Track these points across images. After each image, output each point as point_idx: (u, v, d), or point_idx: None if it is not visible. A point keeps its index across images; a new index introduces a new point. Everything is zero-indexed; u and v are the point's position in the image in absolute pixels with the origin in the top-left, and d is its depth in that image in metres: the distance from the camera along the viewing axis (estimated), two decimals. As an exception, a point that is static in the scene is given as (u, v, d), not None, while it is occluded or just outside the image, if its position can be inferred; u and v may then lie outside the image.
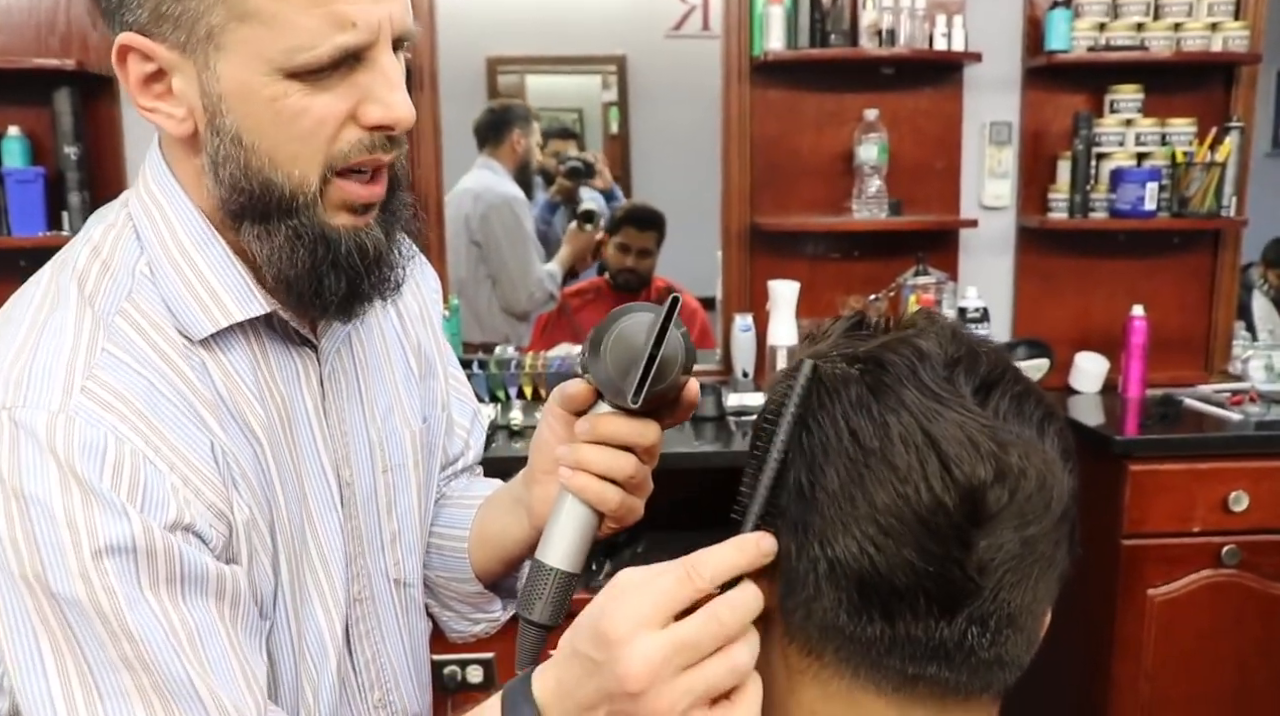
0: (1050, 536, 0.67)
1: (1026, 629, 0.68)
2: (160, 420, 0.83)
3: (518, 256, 3.63)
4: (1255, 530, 2.50)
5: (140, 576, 0.80)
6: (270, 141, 0.83)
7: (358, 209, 0.88)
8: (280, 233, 0.86)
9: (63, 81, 2.62)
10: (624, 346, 0.78)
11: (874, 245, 2.93)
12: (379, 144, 0.86)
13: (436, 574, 1.15)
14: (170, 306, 0.88)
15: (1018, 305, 3.04)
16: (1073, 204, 2.86)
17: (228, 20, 0.80)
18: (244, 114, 0.82)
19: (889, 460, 0.65)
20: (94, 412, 0.80)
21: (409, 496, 1.08)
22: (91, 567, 0.78)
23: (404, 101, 0.85)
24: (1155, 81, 2.88)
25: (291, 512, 0.94)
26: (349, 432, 1.01)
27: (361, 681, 1.04)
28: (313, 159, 0.84)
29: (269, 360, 0.93)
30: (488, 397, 2.79)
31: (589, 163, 4.09)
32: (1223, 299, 3.05)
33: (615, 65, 4.79)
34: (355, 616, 1.03)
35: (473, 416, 1.25)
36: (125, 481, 0.80)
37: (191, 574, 0.82)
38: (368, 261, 0.89)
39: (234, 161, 0.84)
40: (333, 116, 0.83)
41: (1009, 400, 0.68)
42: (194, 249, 0.89)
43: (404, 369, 1.09)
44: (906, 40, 2.76)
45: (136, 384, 0.83)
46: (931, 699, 0.68)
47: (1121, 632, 2.53)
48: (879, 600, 0.65)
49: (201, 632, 0.82)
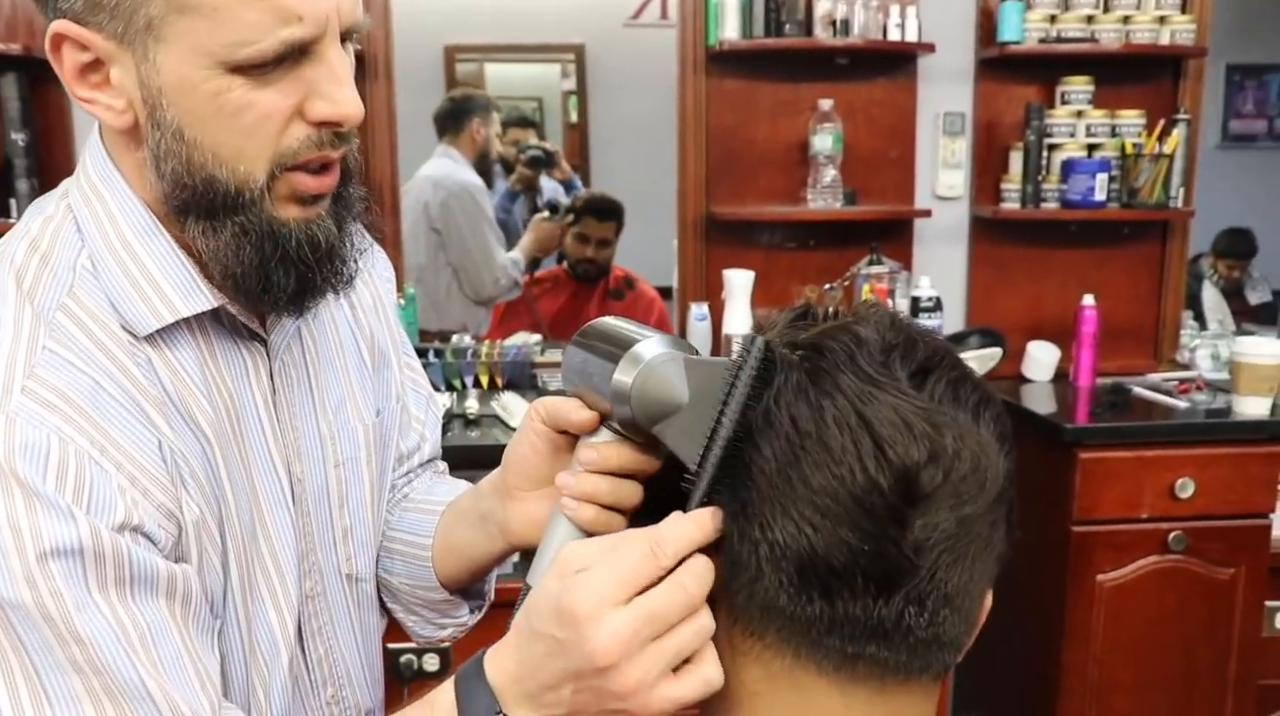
0: (986, 517, 0.68)
1: (964, 609, 0.69)
2: (106, 419, 0.81)
3: (480, 243, 3.62)
4: (1201, 516, 2.54)
5: (88, 579, 0.77)
6: (213, 137, 0.81)
7: (307, 200, 0.86)
8: (226, 229, 0.83)
9: (9, 66, 2.57)
10: (659, 386, 0.75)
11: (829, 234, 2.95)
12: (327, 140, 0.84)
13: (400, 580, 1.13)
14: (114, 302, 0.85)
15: (971, 294, 3.07)
16: (1025, 194, 2.89)
17: (167, 11, 0.77)
18: (185, 108, 0.80)
19: (824, 442, 0.65)
20: (35, 413, 0.78)
21: (361, 491, 1.06)
22: (37, 571, 0.75)
23: (352, 97, 0.83)
24: (1105, 73, 2.91)
25: (241, 510, 0.92)
26: (300, 428, 0.99)
27: (314, 678, 1.03)
28: (258, 155, 0.82)
29: (216, 356, 0.91)
30: (444, 386, 2.78)
31: (549, 152, 4.09)
32: (1171, 289, 3.09)
33: (574, 54, 4.78)
34: (307, 613, 1.01)
35: (428, 406, 1.22)
36: (70, 483, 0.77)
37: (141, 574, 0.80)
38: (319, 254, 0.87)
39: (176, 157, 0.81)
40: (278, 112, 0.81)
41: (945, 385, 0.69)
42: (137, 242, 0.86)
43: (357, 361, 1.07)
44: (861, 30, 2.77)
45: (80, 382, 0.81)
46: (872, 678, 0.69)
47: (1071, 617, 2.56)
48: (818, 580, 0.66)
49: (153, 633, 0.80)
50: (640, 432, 0.79)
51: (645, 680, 0.68)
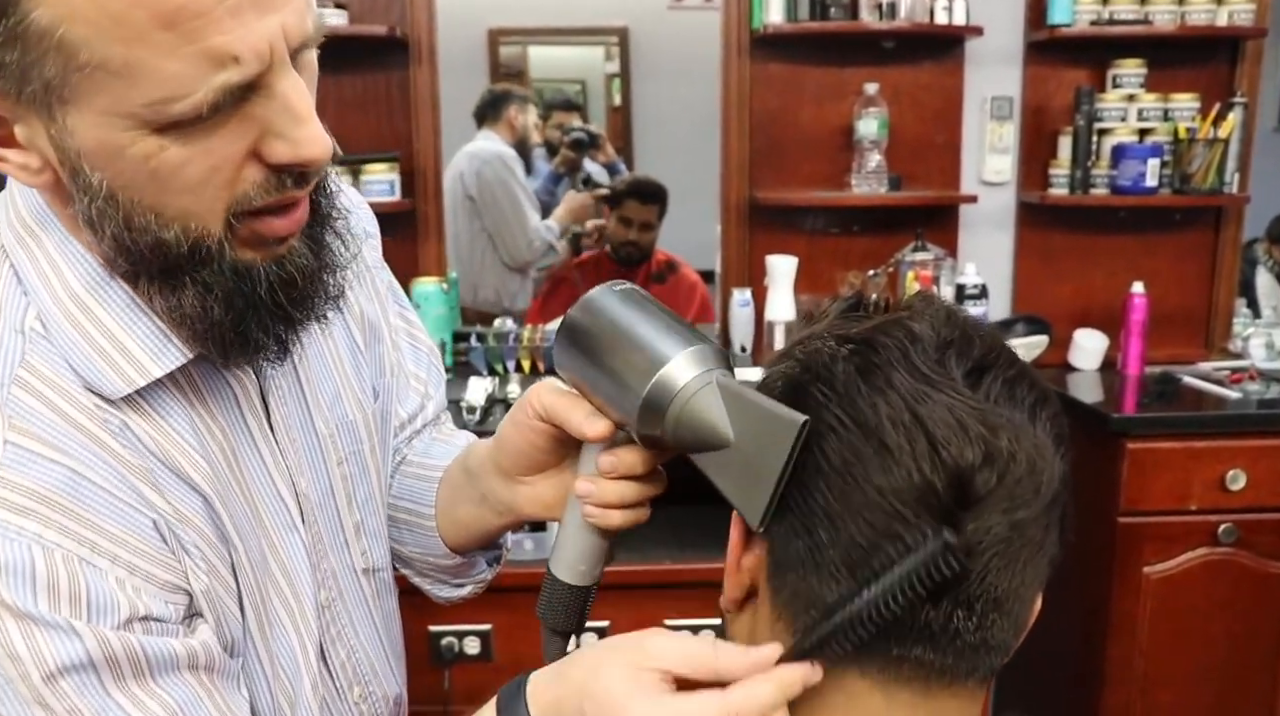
0: (1040, 521, 0.67)
1: (1013, 613, 0.68)
2: (90, 511, 0.73)
3: (513, 207, 3.71)
4: (1252, 508, 2.50)
5: (105, 684, 0.73)
6: (153, 198, 0.69)
7: (274, 243, 0.75)
8: (187, 287, 0.73)
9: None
10: (700, 421, 0.71)
11: (873, 220, 2.92)
12: (290, 181, 0.72)
13: (409, 549, 1.10)
14: (74, 366, 0.75)
15: (1017, 281, 3.03)
16: (1073, 180, 2.84)
17: (66, 73, 0.63)
18: (114, 172, 0.68)
19: (881, 441, 0.64)
20: (9, 523, 0.70)
21: (368, 482, 1.02)
22: (47, 692, 0.70)
23: (315, 135, 0.70)
24: (1158, 56, 2.85)
25: (251, 549, 0.87)
26: (297, 438, 0.92)
27: (339, 684, 1.01)
28: (209, 209, 0.70)
29: (204, 397, 0.82)
30: (486, 371, 2.78)
31: (593, 134, 4.11)
32: (1224, 276, 3.03)
33: (617, 37, 4.75)
34: (326, 621, 0.97)
35: (428, 362, 1.13)
36: (64, 594, 0.71)
37: (159, 659, 0.75)
38: (295, 293, 0.77)
39: (112, 220, 0.70)
40: (226, 162, 0.69)
41: (1001, 384, 0.67)
42: (89, 295, 0.76)
43: (348, 344, 1.00)
44: (907, 14, 2.74)
45: (53, 474, 0.72)
46: (916, 680, 0.68)
47: (1117, 609, 2.53)
48: (868, 581, 0.65)
49: (184, 710, 0.77)
50: (662, 444, 0.75)
51: None
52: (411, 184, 2.82)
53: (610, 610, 2.14)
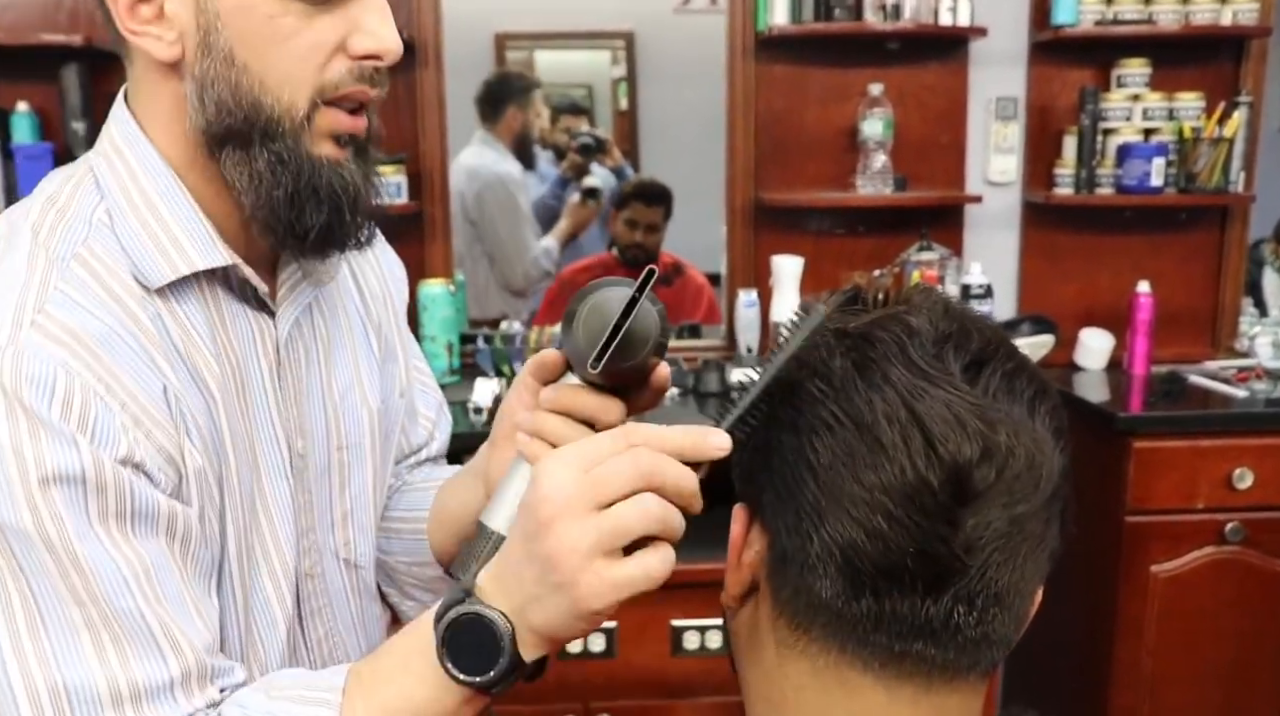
0: (1040, 515, 0.67)
1: (1014, 607, 0.68)
2: (113, 358, 0.82)
3: (513, 234, 3.67)
4: (1259, 507, 2.50)
5: (90, 508, 0.78)
6: (263, 61, 0.84)
7: (342, 140, 0.89)
8: (262, 158, 0.86)
9: (70, 57, 2.61)
10: (597, 317, 0.75)
11: (878, 221, 2.92)
12: (366, 75, 0.87)
13: (396, 559, 1.14)
14: (129, 252, 0.86)
15: (1023, 281, 3.03)
16: (1079, 179, 2.85)
17: None
18: (239, 30, 0.83)
19: (875, 438, 0.65)
20: (44, 347, 0.79)
21: (363, 476, 1.07)
22: (39, 495, 0.76)
23: (393, 34, 0.87)
24: (1163, 56, 2.85)
25: (242, 473, 0.92)
26: (305, 405, 1.00)
27: (314, 659, 1.03)
28: (303, 83, 0.85)
29: (225, 320, 0.92)
30: (493, 372, 2.79)
31: (600, 139, 4.10)
32: (1230, 275, 3.03)
33: (624, 41, 4.76)
34: (307, 592, 1.01)
35: (438, 407, 1.23)
36: (75, 414, 0.78)
37: (142, 509, 0.81)
38: (349, 196, 0.89)
39: (224, 81, 0.84)
40: (325, 42, 0.84)
41: (1000, 377, 0.67)
42: (157, 196, 0.88)
43: (365, 347, 1.08)
44: (911, 14, 2.74)
45: (89, 322, 0.82)
46: (918, 676, 0.68)
47: (1124, 609, 2.53)
48: (866, 577, 0.66)
49: (154, 570, 0.81)
50: (599, 378, 0.78)
51: (578, 547, 0.67)
52: (418, 186, 2.83)
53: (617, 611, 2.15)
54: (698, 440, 0.70)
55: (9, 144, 2.63)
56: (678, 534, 0.69)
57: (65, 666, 0.78)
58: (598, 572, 0.67)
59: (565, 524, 0.67)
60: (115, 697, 0.78)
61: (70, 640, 0.78)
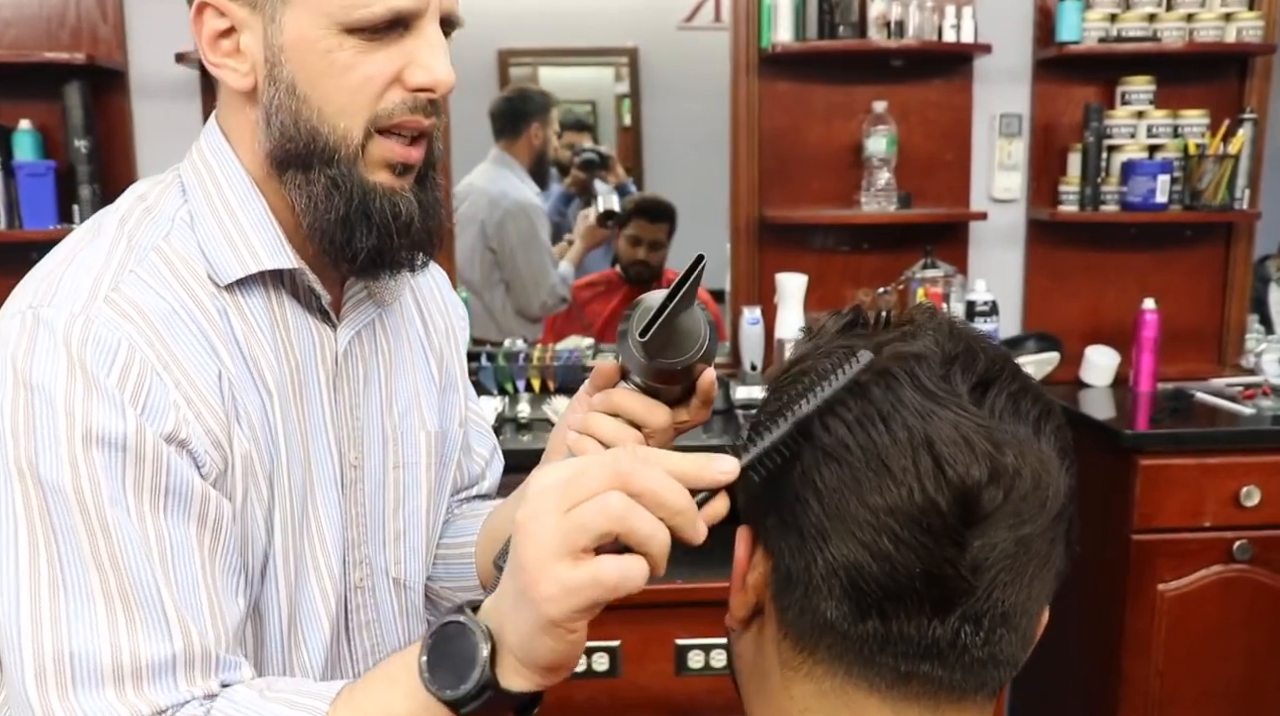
0: (1046, 535, 0.67)
1: (1021, 628, 0.68)
2: (173, 338, 0.87)
3: (532, 264, 3.62)
4: (1267, 525, 2.48)
5: (125, 476, 0.82)
6: (321, 93, 0.89)
7: (396, 169, 0.93)
8: (320, 181, 0.91)
9: (73, 75, 2.62)
10: (646, 311, 0.78)
11: (882, 238, 2.92)
12: (420, 106, 0.91)
13: (440, 584, 1.16)
14: (205, 251, 0.92)
15: (1028, 298, 3.03)
16: (1083, 196, 2.84)
17: None
18: (300, 64, 0.89)
19: (883, 460, 0.64)
20: (112, 319, 0.84)
21: (418, 497, 1.09)
22: (80, 455, 0.80)
23: (447, 68, 0.91)
24: (1168, 73, 2.86)
25: (294, 474, 0.96)
26: (362, 419, 1.03)
27: (358, 671, 1.04)
28: (358, 113, 0.90)
29: (288, 323, 0.97)
30: (496, 390, 2.79)
31: (604, 155, 4.09)
32: (1236, 292, 3.03)
33: (627, 57, 4.77)
34: (355, 604, 1.04)
35: (493, 448, 1.27)
36: (131, 383, 0.83)
37: (176, 489, 0.84)
38: (399, 223, 0.93)
39: (286, 111, 0.90)
40: (380, 75, 0.89)
41: (1005, 398, 0.67)
42: (236, 203, 0.94)
43: (426, 374, 1.11)
44: (915, 32, 2.74)
45: (157, 305, 0.87)
46: (925, 697, 0.68)
47: (1132, 628, 2.51)
48: (872, 599, 0.65)
49: (176, 552, 0.83)
50: (651, 380, 0.83)
51: (542, 548, 0.62)
52: (422, 204, 2.83)
53: (620, 629, 2.14)
54: (702, 464, 0.65)
55: (11, 161, 2.63)
56: (653, 544, 0.62)
57: (75, 634, 0.80)
58: (555, 575, 0.62)
59: (536, 524, 0.63)
60: (118, 671, 0.80)
61: (86, 607, 0.80)
